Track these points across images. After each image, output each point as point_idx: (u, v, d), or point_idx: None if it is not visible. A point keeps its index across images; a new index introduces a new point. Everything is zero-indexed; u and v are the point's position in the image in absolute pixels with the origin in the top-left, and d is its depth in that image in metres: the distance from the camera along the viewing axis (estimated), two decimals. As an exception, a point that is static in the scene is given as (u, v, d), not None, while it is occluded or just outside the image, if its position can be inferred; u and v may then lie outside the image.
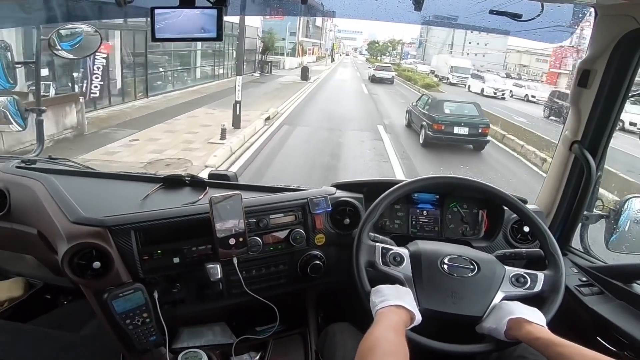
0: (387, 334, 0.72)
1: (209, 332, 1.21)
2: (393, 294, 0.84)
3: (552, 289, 0.91)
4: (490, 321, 0.86)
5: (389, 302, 0.81)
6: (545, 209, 1.28)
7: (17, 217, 1.17)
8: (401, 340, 0.71)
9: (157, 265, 1.02)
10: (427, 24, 1.32)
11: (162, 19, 0.92)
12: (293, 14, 2.27)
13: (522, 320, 0.81)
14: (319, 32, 42.76)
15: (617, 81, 1.04)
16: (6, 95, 1.34)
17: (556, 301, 0.89)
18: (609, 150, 1.16)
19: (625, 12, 0.96)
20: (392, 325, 0.75)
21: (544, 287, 0.92)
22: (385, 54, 52.50)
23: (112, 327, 0.99)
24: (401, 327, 0.76)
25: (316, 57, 40.81)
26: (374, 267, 0.94)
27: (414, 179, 1.06)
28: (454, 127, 7.45)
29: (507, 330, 0.81)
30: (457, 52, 37.53)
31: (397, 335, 0.72)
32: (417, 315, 0.82)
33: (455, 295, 0.90)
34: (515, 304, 0.86)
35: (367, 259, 0.94)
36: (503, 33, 1.30)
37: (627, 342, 0.91)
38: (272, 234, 1.13)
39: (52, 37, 1.31)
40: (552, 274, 0.93)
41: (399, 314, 0.80)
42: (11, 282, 1.50)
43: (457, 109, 8.04)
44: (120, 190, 1.23)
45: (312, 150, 6.90)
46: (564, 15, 1.11)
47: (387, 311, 0.80)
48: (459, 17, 1.30)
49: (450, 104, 8.17)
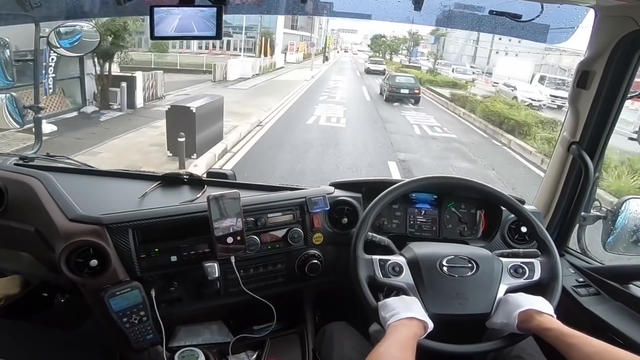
0: (391, 351, 0.72)
1: (206, 331, 1.21)
2: (401, 306, 0.84)
3: (551, 275, 0.93)
4: (501, 316, 0.86)
5: (400, 316, 0.81)
6: (543, 210, 1.29)
7: (14, 215, 1.17)
8: (405, 355, 0.71)
9: (154, 264, 1.02)
10: (427, 24, 1.29)
11: (161, 17, 0.92)
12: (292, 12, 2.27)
13: (532, 312, 0.82)
14: (310, 23, 33.95)
15: (616, 82, 1.04)
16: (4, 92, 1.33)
17: (557, 287, 0.91)
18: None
19: (624, 13, 0.96)
20: (399, 340, 0.76)
21: (542, 274, 0.93)
22: (399, 52, 40.32)
23: (108, 326, 0.98)
24: (410, 340, 0.76)
25: (302, 54, 31.79)
26: (374, 281, 0.93)
27: (412, 179, 1.06)
28: (400, 89, 13.41)
29: (519, 323, 0.83)
30: (484, 49, 29.25)
31: (401, 350, 0.73)
32: (429, 322, 0.83)
33: (459, 295, 0.90)
34: (521, 296, 0.87)
35: (366, 274, 0.93)
36: (503, 34, 1.30)
37: (623, 342, 0.92)
38: (270, 232, 1.13)
39: (51, 35, 1.31)
40: (546, 260, 0.95)
41: (409, 326, 0.79)
42: (8, 280, 1.49)
43: (403, 79, 14.20)
44: (118, 188, 1.23)
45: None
46: (564, 16, 1.12)
47: (398, 325, 0.80)
48: (459, 18, 1.31)
49: (399, 77, 14.61)
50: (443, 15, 1.28)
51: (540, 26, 1.13)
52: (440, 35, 29.86)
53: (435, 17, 1.28)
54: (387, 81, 14.12)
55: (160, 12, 0.92)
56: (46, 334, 1.33)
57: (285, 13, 2.60)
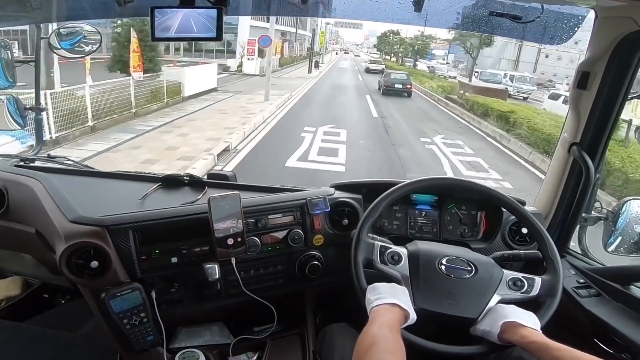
0: (385, 332, 0.72)
1: (207, 332, 1.21)
2: (389, 292, 0.84)
3: (549, 293, 0.90)
4: (485, 324, 0.85)
5: (384, 300, 0.81)
6: (544, 211, 1.28)
7: (15, 216, 1.17)
8: (398, 338, 0.71)
9: (155, 265, 1.02)
10: (427, 25, 1.31)
11: (162, 18, 0.92)
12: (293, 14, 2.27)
13: (515, 324, 0.80)
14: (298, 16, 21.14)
15: (616, 83, 1.04)
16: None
17: (552, 306, 0.89)
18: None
19: (625, 14, 0.96)
20: (388, 323, 0.76)
21: (540, 291, 0.91)
22: (421, 55, 32.33)
23: (109, 327, 0.99)
24: (396, 325, 0.77)
25: (279, 58, 22.75)
26: (371, 265, 0.94)
27: (412, 180, 1.06)
28: (394, 84, 15.67)
29: (500, 333, 0.81)
30: (529, 53, 23.49)
31: (393, 333, 0.72)
32: (412, 314, 0.82)
33: (451, 296, 0.90)
34: (510, 308, 0.86)
35: (365, 256, 0.94)
36: (503, 35, 1.30)
37: (624, 344, 0.91)
38: (271, 234, 1.13)
39: (52, 37, 1.31)
40: (550, 278, 0.92)
41: (393, 312, 0.80)
42: (9, 281, 1.49)
43: (397, 75, 16.61)
44: (118, 189, 1.23)
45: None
46: (564, 17, 1.11)
47: (382, 309, 0.80)
48: (459, 19, 1.31)
49: (394, 74, 17.02)
50: (443, 16, 1.27)
51: (541, 27, 1.13)
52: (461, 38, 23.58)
53: (436, 18, 1.28)
54: (383, 78, 16.68)
55: (161, 13, 0.92)
56: (47, 335, 1.33)
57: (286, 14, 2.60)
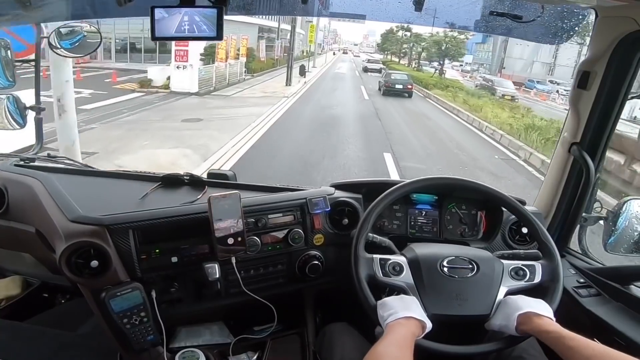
0: (390, 349, 0.72)
1: (207, 332, 1.21)
2: (400, 306, 0.84)
3: (552, 277, 0.92)
4: (499, 318, 0.86)
5: (398, 315, 0.81)
6: (544, 211, 1.28)
7: (15, 216, 1.17)
8: (404, 354, 0.71)
9: (155, 265, 1.02)
10: (427, 24, 1.31)
11: (162, 18, 0.92)
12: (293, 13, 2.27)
13: (531, 315, 0.82)
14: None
15: (616, 83, 1.04)
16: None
17: (558, 290, 0.90)
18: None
19: (625, 14, 0.96)
20: (397, 339, 0.76)
21: (543, 277, 0.93)
22: (453, 57, 24.71)
23: (109, 326, 0.98)
24: (408, 340, 0.76)
25: (244, 62, 14.96)
26: (375, 280, 0.93)
27: (413, 180, 1.06)
28: (395, 84, 15.54)
29: (517, 325, 0.82)
30: (566, 54, 20.02)
31: (400, 349, 0.73)
32: (428, 322, 0.83)
33: (459, 296, 0.90)
34: (520, 298, 0.87)
35: (367, 272, 0.93)
36: (503, 34, 1.31)
37: (624, 343, 0.91)
38: (271, 233, 1.13)
39: (52, 36, 1.31)
40: (548, 262, 0.94)
41: (407, 325, 0.80)
42: (8, 281, 1.49)
43: (397, 76, 16.56)
44: (118, 189, 1.23)
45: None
46: (565, 17, 1.11)
47: (396, 324, 0.80)
48: (459, 18, 1.31)
49: (394, 74, 17.00)
50: (443, 16, 1.27)
51: (541, 27, 1.13)
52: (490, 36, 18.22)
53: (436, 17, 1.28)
54: (384, 78, 16.51)
55: (161, 12, 0.92)
56: (47, 334, 1.33)
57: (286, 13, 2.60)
